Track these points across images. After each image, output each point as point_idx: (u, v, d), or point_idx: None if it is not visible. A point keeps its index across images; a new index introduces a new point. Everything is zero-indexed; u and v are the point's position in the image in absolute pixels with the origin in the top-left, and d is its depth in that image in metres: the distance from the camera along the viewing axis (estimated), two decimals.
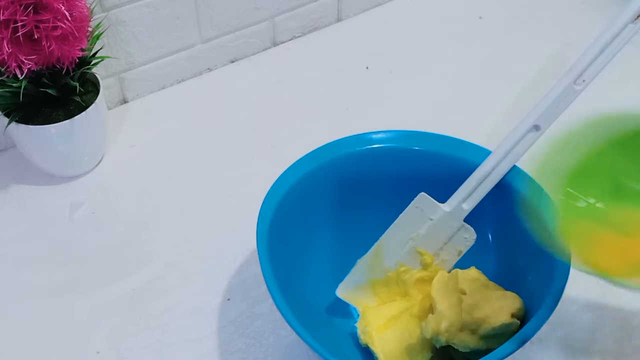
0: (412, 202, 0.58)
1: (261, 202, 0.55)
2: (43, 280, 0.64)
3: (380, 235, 0.59)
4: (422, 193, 0.57)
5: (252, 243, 0.65)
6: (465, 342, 0.52)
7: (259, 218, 0.55)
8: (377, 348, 0.56)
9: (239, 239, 0.66)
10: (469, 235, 0.58)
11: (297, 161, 0.59)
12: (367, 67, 0.85)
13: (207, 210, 0.70)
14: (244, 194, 0.70)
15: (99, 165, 0.74)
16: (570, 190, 0.45)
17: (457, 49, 0.87)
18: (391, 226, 0.59)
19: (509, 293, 0.54)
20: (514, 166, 0.56)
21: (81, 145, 0.70)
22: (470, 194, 0.57)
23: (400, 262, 0.59)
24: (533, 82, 0.83)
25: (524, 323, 0.52)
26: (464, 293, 0.54)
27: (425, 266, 0.59)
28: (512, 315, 0.52)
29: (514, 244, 0.58)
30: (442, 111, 0.79)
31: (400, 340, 0.56)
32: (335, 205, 0.61)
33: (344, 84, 0.83)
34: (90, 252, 0.66)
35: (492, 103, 0.80)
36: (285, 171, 0.58)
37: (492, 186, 0.56)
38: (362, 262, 0.59)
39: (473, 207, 0.57)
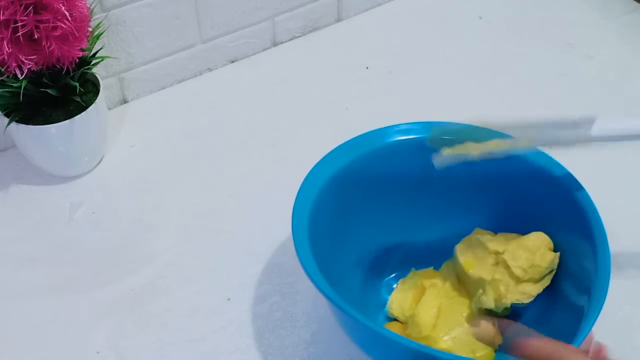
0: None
1: (261, 202, 0.55)
2: (43, 280, 0.64)
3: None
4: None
5: (252, 243, 0.65)
6: (527, 292, 0.52)
7: (298, 194, 0.53)
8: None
9: (239, 238, 0.66)
10: None
11: (335, 149, 0.57)
12: (367, 67, 0.85)
13: (207, 210, 0.70)
14: (244, 194, 0.70)
15: (99, 165, 0.74)
16: None
17: (457, 48, 0.87)
18: None
19: (532, 234, 0.54)
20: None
21: (81, 145, 0.70)
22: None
23: None
24: (533, 82, 0.83)
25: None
26: (499, 253, 0.53)
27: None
28: (550, 249, 0.52)
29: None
30: (442, 111, 0.79)
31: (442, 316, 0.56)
32: (371, 196, 0.59)
33: (344, 84, 0.83)
34: (90, 252, 0.66)
35: (492, 103, 0.80)
36: (324, 158, 0.56)
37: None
38: None
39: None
